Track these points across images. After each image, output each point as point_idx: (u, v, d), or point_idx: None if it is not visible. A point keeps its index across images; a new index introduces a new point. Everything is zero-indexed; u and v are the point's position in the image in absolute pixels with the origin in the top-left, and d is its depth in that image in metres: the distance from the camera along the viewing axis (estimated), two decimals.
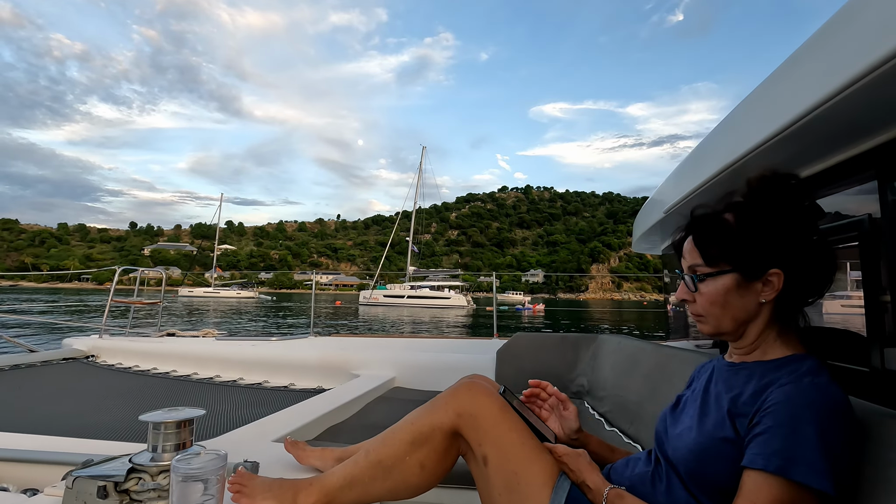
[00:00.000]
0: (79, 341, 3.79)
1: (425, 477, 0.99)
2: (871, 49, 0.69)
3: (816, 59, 0.86)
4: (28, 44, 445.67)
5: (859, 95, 0.76)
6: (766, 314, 0.84)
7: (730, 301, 0.84)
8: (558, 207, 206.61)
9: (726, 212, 0.86)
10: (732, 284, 0.84)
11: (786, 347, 0.84)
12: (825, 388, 0.73)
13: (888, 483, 0.68)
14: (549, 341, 2.83)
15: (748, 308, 0.84)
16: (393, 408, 2.23)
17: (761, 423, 0.74)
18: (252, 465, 1.15)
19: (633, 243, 2.81)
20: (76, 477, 0.97)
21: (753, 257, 0.82)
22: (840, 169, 1.06)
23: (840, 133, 0.95)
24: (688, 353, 1.64)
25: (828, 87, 0.79)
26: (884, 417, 0.75)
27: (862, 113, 0.84)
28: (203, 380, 3.02)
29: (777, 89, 1.00)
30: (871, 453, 0.73)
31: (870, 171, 0.98)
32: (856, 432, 0.73)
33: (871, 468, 0.72)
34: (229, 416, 2.07)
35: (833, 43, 0.80)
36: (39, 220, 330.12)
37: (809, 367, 0.78)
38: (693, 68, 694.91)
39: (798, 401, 0.72)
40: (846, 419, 0.72)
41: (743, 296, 0.84)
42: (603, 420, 2.06)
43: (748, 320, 0.85)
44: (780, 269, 0.81)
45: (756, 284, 0.83)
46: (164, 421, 1.00)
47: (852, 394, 0.86)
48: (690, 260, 0.88)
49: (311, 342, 3.61)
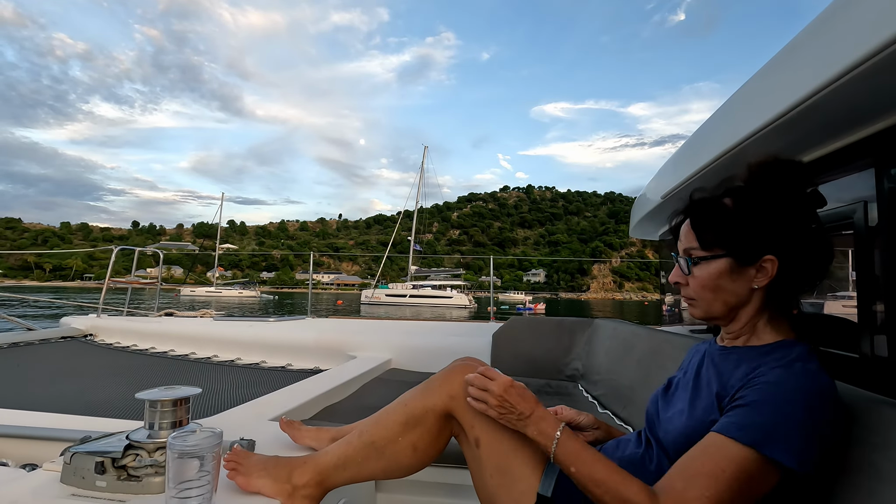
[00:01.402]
0: (77, 320, 3.78)
1: (417, 457, 0.99)
2: (869, 36, 0.69)
3: (814, 47, 0.86)
4: (31, 43, 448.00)
5: (857, 83, 0.77)
6: (757, 300, 0.84)
7: (722, 285, 0.84)
8: (560, 207, 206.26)
9: (725, 196, 0.86)
10: (726, 269, 0.84)
11: (777, 333, 0.84)
12: (815, 374, 0.74)
13: (873, 466, 0.69)
14: (545, 325, 2.83)
15: (740, 293, 0.84)
16: (389, 389, 2.24)
17: (744, 398, 0.75)
18: (248, 444, 1.16)
19: (631, 229, 2.80)
20: (74, 453, 0.97)
21: (748, 243, 0.82)
22: (837, 156, 1.07)
23: (837, 120, 0.95)
24: (681, 338, 1.64)
25: (826, 75, 0.79)
26: (871, 403, 0.76)
27: (859, 101, 0.85)
28: (201, 359, 3.01)
29: (775, 76, 1.00)
30: (857, 437, 0.74)
31: (867, 159, 0.98)
32: (839, 419, 0.74)
33: (858, 452, 0.73)
34: (226, 395, 2.07)
35: (831, 30, 0.81)
36: (42, 219, 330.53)
37: (800, 352, 0.78)
38: (695, 68, 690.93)
39: (787, 384, 0.72)
40: (832, 406, 0.72)
41: (735, 280, 0.84)
42: (596, 403, 2.08)
43: (739, 305, 0.85)
44: (775, 255, 0.81)
45: (749, 270, 0.83)
46: (160, 399, 1.00)
47: (842, 379, 0.87)
48: (686, 243, 0.88)
49: (309, 323, 3.59)
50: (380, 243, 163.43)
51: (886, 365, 0.93)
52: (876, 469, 0.69)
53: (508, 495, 0.92)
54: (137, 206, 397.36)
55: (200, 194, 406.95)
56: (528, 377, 2.62)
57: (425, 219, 55.89)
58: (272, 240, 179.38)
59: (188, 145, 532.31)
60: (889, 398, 0.79)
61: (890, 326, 0.93)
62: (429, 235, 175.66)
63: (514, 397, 0.89)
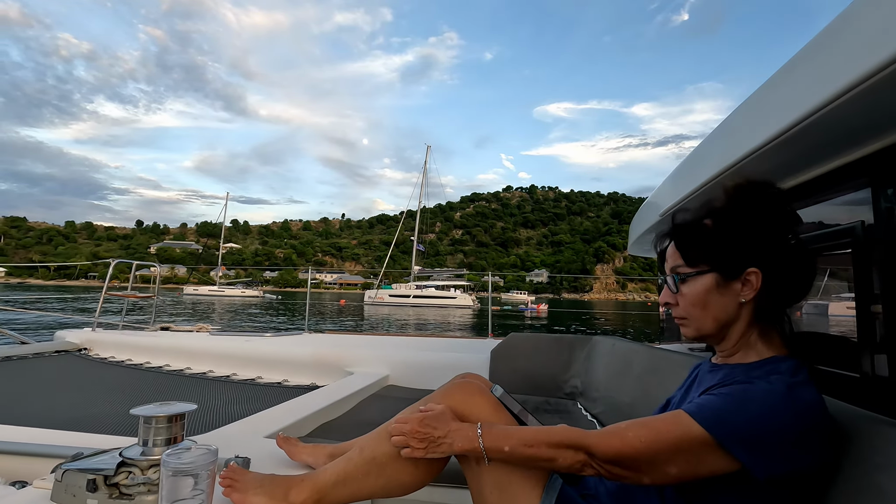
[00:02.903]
0: (71, 334, 3.76)
1: (418, 475, 0.98)
2: (868, 55, 0.69)
3: (813, 65, 0.86)
4: (36, 43, 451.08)
5: (855, 102, 0.76)
6: (746, 316, 0.86)
7: (710, 301, 0.86)
8: (563, 207, 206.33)
9: (706, 217, 0.88)
10: (712, 284, 0.86)
11: (767, 350, 0.85)
12: (794, 386, 0.74)
13: (874, 487, 0.69)
14: (544, 342, 2.82)
15: (728, 309, 0.85)
16: (386, 405, 2.22)
17: (714, 391, 0.79)
18: (244, 461, 1.14)
19: (629, 246, 2.80)
20: (65, 470, 0.97)
21: (731, 256, 0.84)
22: (834, 175, 1.07)
23: (835, 140, 0.95)
24: (679, 356, 1.64)
25: (824, 93, 0.79)
26: (872, 422, 0.77)
27: (858, 120, 0.84)
28: (196, 374, 3.00)
29: (773, 94, 1.00)
30: (858, 457, 0.74)
31: (863, 178, 0.98)
32: (815, 434, 0.72)
33: (859, 471, 0.73)
34: (222, 411, 2.06)
35: (830, 49, 0.80)
36: (47, 217, 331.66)
37: (787, 367, 0.79)
38: (698, 68, 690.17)
39: (759, 387, 0.75)
40: (808, 417, 0.72)
41: (723, 295, 0.85)
42: (595, 421, 2.06)
43: (729, 322, 0.86)
44: (758, 268, 0.83)
45: (735, 284, 0.84)
46: (155, 415, 0.99)
47: (842, 398, 0.88)
48: (672, 262, 0.91)
49: (306, 339, 3.59)
50: (382, 243, 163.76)
51: (887, 384, 0.93)
52: (878, 488, 0.68)
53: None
54: (141, 206, 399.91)
55: (204, 194, 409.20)
56: (526, 394, 2.61)
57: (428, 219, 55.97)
58: (275, 239, 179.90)
59: (192, 145, 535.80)
60: (889, 418, 0.79)
61: (890, 345, 0.92)
62: (431, 235, 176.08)
63: (427, 427, 0.93)
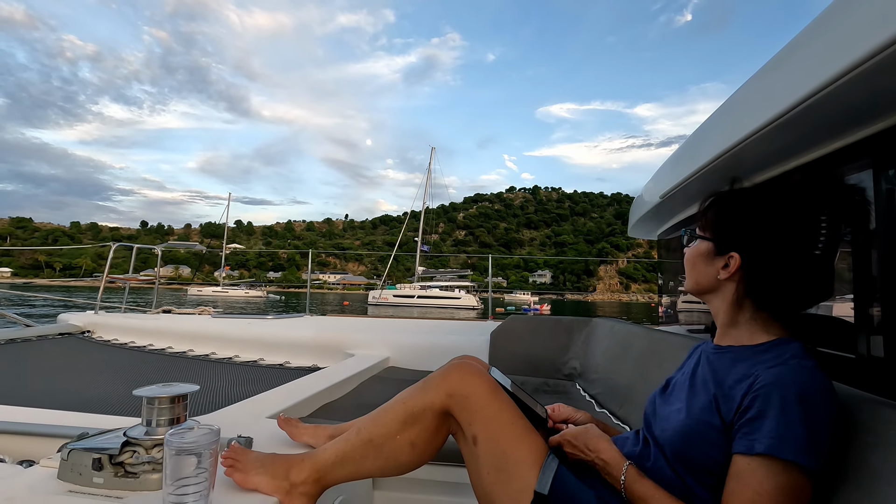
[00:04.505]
0: (74, 317, 3.78)
1: (416, 455, 0.99)
2: (868, 37, 0.70)
3: (814, 46, 0.86)
4: (41, 45, 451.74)
5: (856, 83, 0.77)
6: (728, 293, 0.89)
7: (697, 264, 0.94)
8: (566, 208, 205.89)
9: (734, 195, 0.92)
10: (705, 251, 0.93)
11: (771, 332, 0.86)
12: (812, 371, 0.75)
13: (868, 466, 0.70)
14: (543, 324, 2.83)
15: (708, 277, 0.92)
16: (386, 387, 2.24)
17: (752, 408, 0.75)
18: (245, 441, 1.16)
19: (630, 228, 2.81)
20: (71, 449, 0.98)
21: (723, 234, 0.90)
22: (835, 157, 1.07)
23: (836, 121, 0.96)
24: (678, 337, 1.65)
25: (824, 75, 0.80)
26: (868, 403, 0.78)
27: (858, 101, 0.85)
28: (198, 357, 3.01)
29: (774, 76, 1.01)
30: (854, 437, 0.75)
31: (865, 160, 0.98)
32: (838, 416, 0.75)
33: (855, 451, 0.74)
34: (224, 392, 2.07)
35: (830, 31, 0.81)
36: (52, 218, 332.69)
37: (794, 350, 0.80)
38: (701, 69, 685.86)
39: (787, 382, 0.74)
40: (831, 403, 0.74)
41: (707, 265, 0.92)
42: (594, 402, 2.08)
43: (708, 290, 0.93)
44: (739, 254, 0.87)
45: (719, 260, 0.90)
46: (158, 396, 1.01)
47: (839, 380, 0.88)
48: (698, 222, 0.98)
49: (307, 321, 3.60)
50: (386, 243, 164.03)
51: (883, 365, 0.94)
52: (873, 469, 0.69)
53: (505, 493, 0.91)
54: (146, 206, 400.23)
55: (208, 194, 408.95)
56: (525, 376, 2.62)
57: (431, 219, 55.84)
58: (279, 240, 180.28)
59: (196, 146, 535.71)
60: (886, 398, 0.80)
61: (887, 327, 0.93)
62: (434, 236, 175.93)
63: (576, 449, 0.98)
